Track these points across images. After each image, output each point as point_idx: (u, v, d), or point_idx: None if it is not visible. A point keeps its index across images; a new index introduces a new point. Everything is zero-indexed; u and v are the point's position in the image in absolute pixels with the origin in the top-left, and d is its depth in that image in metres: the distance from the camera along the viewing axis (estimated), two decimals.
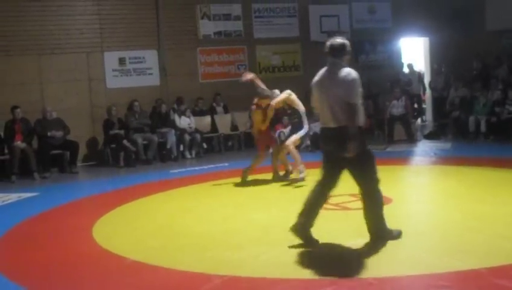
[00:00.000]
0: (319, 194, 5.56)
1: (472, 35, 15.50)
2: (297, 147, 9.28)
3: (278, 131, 13.05)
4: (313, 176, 6.15)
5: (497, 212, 6.56)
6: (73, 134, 12.23)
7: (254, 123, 9.35)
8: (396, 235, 5.54)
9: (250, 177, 9.52)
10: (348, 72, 5.24)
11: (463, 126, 13.49)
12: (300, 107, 8.97)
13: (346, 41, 5.40)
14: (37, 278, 5.29)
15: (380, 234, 5.48)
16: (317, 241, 5.51)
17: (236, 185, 9.30)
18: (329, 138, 5.34)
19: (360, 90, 5.27)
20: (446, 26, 15.90)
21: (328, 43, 5.40)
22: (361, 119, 5.30)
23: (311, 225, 5.52)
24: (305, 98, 9.54)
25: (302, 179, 8.67)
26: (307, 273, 4.84)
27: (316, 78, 5.52)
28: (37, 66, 12.59)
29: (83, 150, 12.66)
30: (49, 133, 11.75)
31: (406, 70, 15.91)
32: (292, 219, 6.81)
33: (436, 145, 12.79)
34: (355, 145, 5.12)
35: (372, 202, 5.49)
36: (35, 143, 11.90)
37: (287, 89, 14.77)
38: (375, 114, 14.54)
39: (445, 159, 10.64)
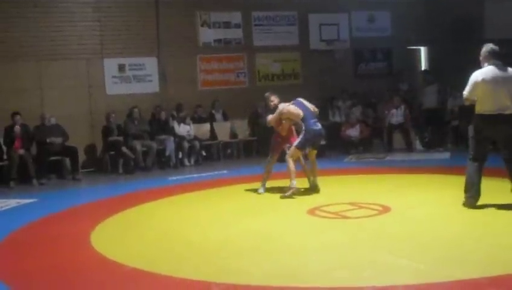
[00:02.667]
0: (478, 168, 6.98)
1: (471, 45, 15.51)
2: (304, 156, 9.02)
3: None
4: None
5: (497, 221, 6.56)
6: (73, 140, 12.21)
7: (279, 126, 9.11)
8: None
9: (251, 185, 9.52)
10: None
11: (462, 135, 13.48)
12: (298, 116, 8.73)
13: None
14: (35, 284, 5.27)
15: None
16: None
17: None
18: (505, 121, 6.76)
19: None
20: (445, 35, 15.94)
21: (488, 48, 7.00)
22: None
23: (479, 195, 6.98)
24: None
25: (289, 196, 8.42)
26: (304, 282, 4.83)
27: (485, 76, 6.82)
28: (37, 72, 12.59)
29: (81, 157, 12.64)
30: (48, 140, 11.74)
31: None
32: (291, 227, 6.82)
33: (435, 154, 12.80)
34: None
35: None
36: (33, 149, 11.88)
37: (287, 96, 14.84)
38: (374, 123, 14.55)
39: (444, 169, 10.63)
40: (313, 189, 8.76)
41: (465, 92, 7.01)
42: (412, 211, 7.43)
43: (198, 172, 11.93)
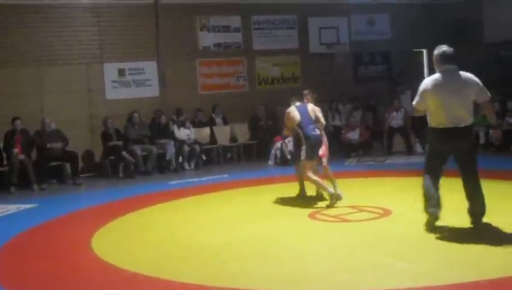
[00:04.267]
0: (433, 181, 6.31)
1: (470, 47, 15.55)
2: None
3: (280, 142, 13.10)
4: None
5: (496, 224, 6.54)
6: (73, 145, 12.21)
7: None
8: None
9: (252, 189, 9.51)
10: (471, 75, 6.08)
11: None
12: (292, 121, 8.47)
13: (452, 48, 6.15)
14: (36, 289, 5.28)
15: (482, 217, 6.18)
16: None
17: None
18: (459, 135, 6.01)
19: None
20: (444, 37, 15.92)
21: (440, 51, 6.16)
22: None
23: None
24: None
25: (333, 203, 7.95)
26: (305, 287, 4.83)
27: (435, 84, 6.04)
28: (37, 77, 12.60)
29: (82, 162, 12.64)
30: (48, 145, 11.74)
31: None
32: (292, 231, 6.82)
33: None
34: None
35: (479, 184, 6.18)
36: (33, 154, 11.89)
37: (286, 99, 14.84)
38: (374, 126, 14.55)
39: (445, 172, 10.61)
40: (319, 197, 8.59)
41: (414, 102, 6.21)
42: (413, 214, 7.40)
43: (199, 176, 11.93)
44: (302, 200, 8.50)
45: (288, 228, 7.01)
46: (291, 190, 9.89)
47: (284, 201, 8.64)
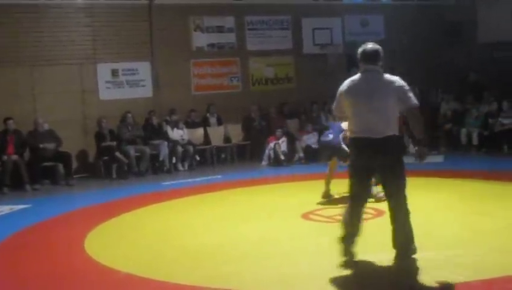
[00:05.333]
0: (356, 210, 5.30)
1: (464, 48, 15.61)
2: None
3: (273, 143, 13.11)
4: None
5: (489, 225, 6.58)
6: (66, 146, 12.19)
7: None
8: (415, 249, 5.31)
9: (245, 190, 9.51)
10: (396, 78, 5.11)
11: (455, 139, 13.57)
12: None
13: (380, 47, 5.27)
14: None
15: (408, 250, 5.23)
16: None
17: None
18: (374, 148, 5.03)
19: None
20: (438, 38, 16.00)
21: (361, 49, 5.29)
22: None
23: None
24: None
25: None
26: (298, 287, 4.83)
27: (350, 87, 5.20)
28: (30, 78, 12.56)
29: (74, 162, 12.61)
30: (41, 145, 11.71)
31: None
32: (285, 232, 6.82)
33: (428, 157, 12.81)
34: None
35: (404, 213, 5.20)
36: (26, 155, 11.85)
37: (280, 100, 14.85)
38: None
39: (438, 172, 10.66)
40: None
41: (333, 107, 5.53)
42: None
43: (192, 177, 11.92)
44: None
45: (282, 229, 7.01)
46: (284, 190, 9.92)
47: (277, 202, 8.65)
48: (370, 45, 5.28)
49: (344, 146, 8.16)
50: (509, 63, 14.90)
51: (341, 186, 8.83)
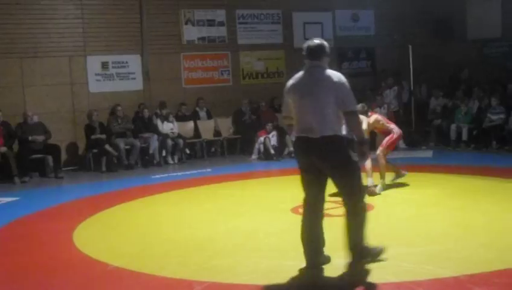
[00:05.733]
0: (314, 218, 5.04)
1: (454, 44, 15.66)
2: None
3: (263, 137, 13.11)
4: None
5: (477, 220, 6.62)
6: (55, 138, 12.15)
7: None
8: (379, 251, 5.14)
9: (235, 183, 9.50)
10: (338, 75, 4.85)
11: (444, 134, 13.64)
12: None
13: (325, 42, 4.99)
14: (17, 283, 5.23)
15: (362, 253, 5.00)
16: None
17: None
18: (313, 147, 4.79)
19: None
20: (428, 34, 16.05)
21: (305, 44, 4.99)
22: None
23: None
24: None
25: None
26: (287, 280, 4.84)
27: (292, 84, 4.99)
28: (19, 70, 12.49)
29: (64, 155, 12.57)
30: (30, 138, 11.65)
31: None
32: (275, 225, 6.83)
33: (417, 152, 12.89)
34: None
35: (357, 216, 4.96)
36: (15, 147, 11.79)
37: (270, 94, 14.86)
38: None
39: (427, 167, 10.72)
40: None
41: (282, 108, 5.28)
42: (395, 209, 7.49)
43: (182, 170, 11.91)
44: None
45: (271, 222, 7.02)
46: (274, 184, 9.94)
47: (267, 195, 8.66)
48: (315, 41, 4.97)
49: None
50: (498, 60, 14.98)
51: None
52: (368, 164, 8.31)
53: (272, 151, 12.93)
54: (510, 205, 7.25)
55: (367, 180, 8.13)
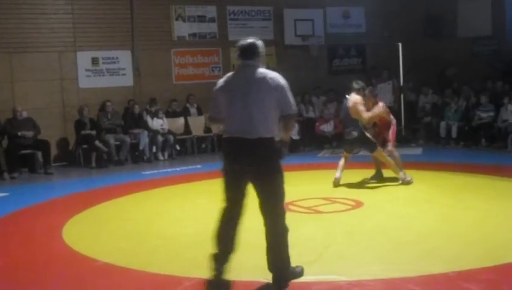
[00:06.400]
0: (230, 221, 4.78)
1: (444, 42, 15.71)
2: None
3: None
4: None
5: (466, 217, 6.66)
6: (45, 134, 12.08)
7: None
8: (299, 272, 4.81)
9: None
10: (276, 75, 4.70)
11: (434, 132, 13.70)
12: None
13: (259, 42, 4.78)
14: (6, 279, 5.21)
15: (284, 274, 4.65)
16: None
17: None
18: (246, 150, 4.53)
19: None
20: (419, 32, 16.09)
21: (238, 44, 4.78)
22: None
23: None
24: None
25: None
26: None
27: (224, 83, 4.71)
28: (8, 65, 12.41)
29: (54, 151, 12.51)
30: (19, 133, 11.59)
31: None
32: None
33: (407, 150, 12.93)
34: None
35: (280, 231, 4.66)
36: (5, 143, 11.73)
37: None
38: None
39: (416, 164, 10.75)
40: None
41: (209, 108, 4.93)
42: (384, 206, 7.51)
43: (172, 166, 11.89)
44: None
45: (261, 219, 7.00)
46: None
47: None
48: (248, 40, 4.76)
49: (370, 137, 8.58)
50: (488, 58, 15.04)
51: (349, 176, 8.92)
52: (392, 159, 8.72)
53: None
54: (499, 203, 7.29)
55: (399, 174, 8.66)
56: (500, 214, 6.77)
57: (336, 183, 8.68)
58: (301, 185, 8.79)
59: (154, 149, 12.93)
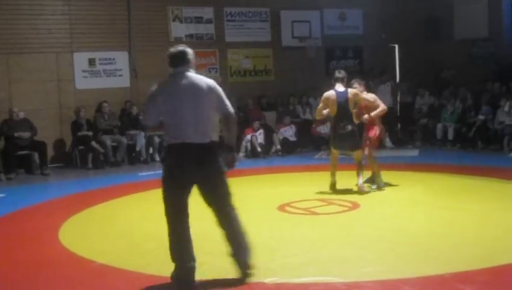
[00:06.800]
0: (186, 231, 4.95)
1: (441, 44, 15.74)
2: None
3: (250, 135, 13.12)
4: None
5: (462, 218, 6.67)
6: (42, 135, 12.07)
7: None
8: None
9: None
10: (210, 80, 4.87)
11: (431, 133, 13.72)
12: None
13: (188, 49, 4.92)
14: (2, 280, 5.20)
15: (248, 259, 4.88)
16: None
17: None
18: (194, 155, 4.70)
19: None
20: (415, 34, 16.12)
21: (167, 52, 4.91)
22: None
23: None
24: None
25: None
26: (273, 278, 4.85)
27: (162, 88, 4.84)
28: (5, 66, 12.39)
29: (50, 152, 12.49)
30: (16, 134, 11.57)
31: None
32: (261, 223, 6.84)
33: (404, 151, 12.96)
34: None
35: (239, 223, 4.94)
36: (1, 144, 11.71)
37: (258, 92, 14.89)
38: None
39: (413, 166, 10.78)
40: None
41: (143, 115, 5.14)
42: (381, 207, 7.52)
43: None
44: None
45: (258, 220, 7.01)
46: (261, 182, 9.95)
47: (254, 193, 8.66)
48: (178, 48, 4.91)
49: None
50: (485, 60, 15.07)
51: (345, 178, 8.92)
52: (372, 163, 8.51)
53: (259, 149, 12.95)
54: (495, 204, 7.31)
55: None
56: (496, 215, 6.78)
57: (333, 188, 8.52)
58: (298, 187, 8.82)
59: (150, 150, 12.92)
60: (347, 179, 8.97)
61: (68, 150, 12.88)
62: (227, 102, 4.83)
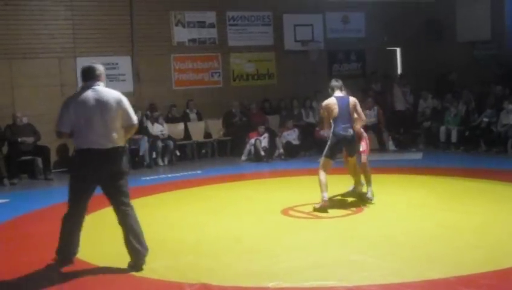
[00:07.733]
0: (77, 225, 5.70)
1: (444, 47, 15.74)
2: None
3: (254, 139, 13.11)
4: None
5: (466, 221, 6.65)
6: (45, 140, 12.07)
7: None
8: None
9: (225, 185, 9.49)
10: (117, 93, 5.52)
11: (434, 136, 13.70)
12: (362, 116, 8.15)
13: (98, 65, 5.68)
14: (5, 284, 5.21)
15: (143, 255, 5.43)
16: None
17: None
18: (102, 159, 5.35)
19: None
20: (418, 37, 16.12)
21: (81, 68, 5.70)
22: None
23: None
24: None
25: (319, 209, 7.50)
26: (277, 282, 4.85)
27: (74, 99, 5.47)
28: (8, 71, 12.42)
29: (54, 157, 12.50)
30: (19, 139, 11.60)
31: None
32: (264, 227, 6.85)
33: (407, 154, 12.94)
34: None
35: (135, 224, 5.53)
36: (5, 149, 11.73)
37: (261, 96, 14.91)
38: None
39: (416, 169, 10.76)
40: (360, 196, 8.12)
41: (57, 124, 5.59)
42: (384, 211, 7.51)
43: (172, 172, 11.89)
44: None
45: (261, 224, 7.02)
46: (264, 186, 9.96)
47: (257, 197, 8.66)
48: (90, 64, 5.67)
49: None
50: (488, 62, 15.06)
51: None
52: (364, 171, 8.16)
53: (262, 153, 12.94)
54: (498, 207, 7.29)
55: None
56: (500, 218, 6.77)
57: (325, 206, 7.54)
58: (301, 190, 8.80)
59: (154, 155, 12.92)
60: (348, 183, 8.98)
61: (71, 155, 12.88)
62: (132, 113, 5.54)
